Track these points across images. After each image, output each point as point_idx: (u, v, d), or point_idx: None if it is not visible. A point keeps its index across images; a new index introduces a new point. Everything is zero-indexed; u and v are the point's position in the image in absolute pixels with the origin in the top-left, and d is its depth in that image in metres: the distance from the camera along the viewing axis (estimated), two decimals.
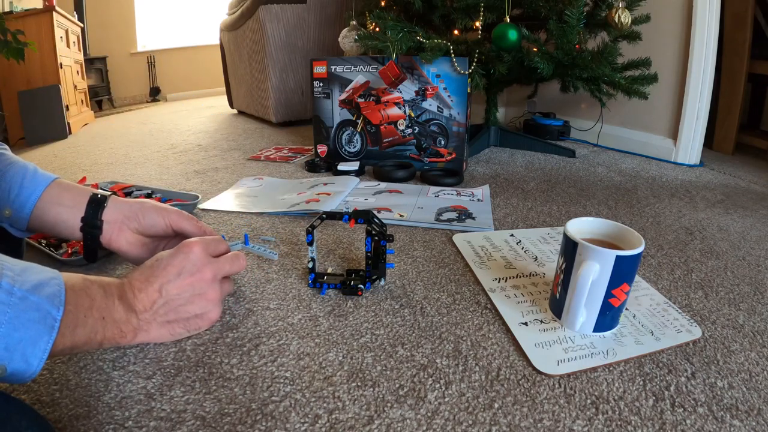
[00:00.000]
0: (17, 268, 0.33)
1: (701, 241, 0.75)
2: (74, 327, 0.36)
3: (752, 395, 0.41)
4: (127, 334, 0.42)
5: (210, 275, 0.47)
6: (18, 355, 0.31)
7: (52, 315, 0.33)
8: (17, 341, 0.31)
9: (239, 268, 0.52)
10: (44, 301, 0.33)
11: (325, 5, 1.91)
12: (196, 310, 0.47)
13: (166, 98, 4.74)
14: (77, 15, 3.14)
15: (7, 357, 0.31)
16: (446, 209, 0.88)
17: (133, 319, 0.42)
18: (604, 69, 1.10)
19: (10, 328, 0.31)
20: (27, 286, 0.33)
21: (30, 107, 2.00)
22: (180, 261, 0.46)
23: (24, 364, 0.32)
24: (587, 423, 0.38)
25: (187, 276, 0.45)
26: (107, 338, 0.40)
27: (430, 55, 1.07)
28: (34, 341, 0.32)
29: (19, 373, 0.32)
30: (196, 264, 0.46)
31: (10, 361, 0.31)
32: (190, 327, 0.48)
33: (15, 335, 0.31)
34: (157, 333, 0.45)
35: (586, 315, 0.48)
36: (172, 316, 0.45)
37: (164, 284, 0.44)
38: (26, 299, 0.32)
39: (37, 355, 0.32)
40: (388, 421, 0.38)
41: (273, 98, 1.91)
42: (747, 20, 1.31)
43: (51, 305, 0.34)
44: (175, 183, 1.12)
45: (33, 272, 0.34)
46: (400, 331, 0.51)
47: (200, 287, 0.46)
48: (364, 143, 1.22)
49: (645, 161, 1.32)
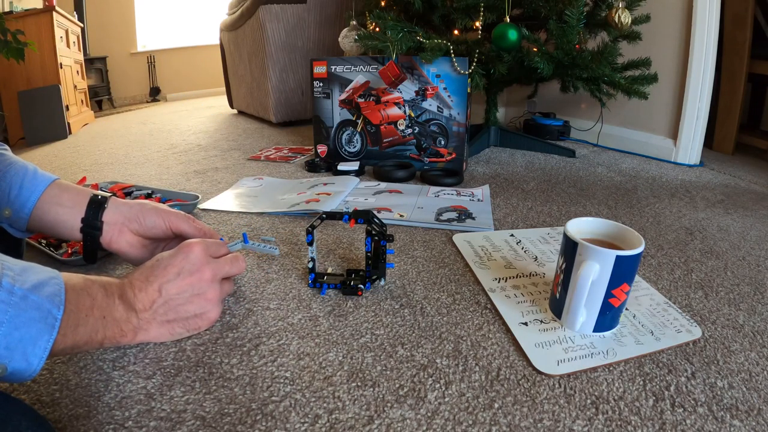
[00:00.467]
0: (17, 268, 0.33)
1: (701, 241, 0.75)
2: (75, 326, 0.36)
3: (752, 395, 0.41)
4: (128, 334, 0.42)
5: (209, 275, 0.47)
6: (18, 354, 0.31)
7: (52, 314, 0.34)
8: (18, 340, 0.31)
9: (239, 270, 0.52)
10: (45, 301, 0.33)
11: (325, 5, 1.91)
12: (196, 309, 0.47)
13: (166, 98, 4.74)
14: (77, 15, 3.14)
15: (8, 356, 0.31)
16: (446, 209, 0.88)
17: (134, 319, 0.43)
18: (604, 69, 1.10)
19: (10, 327, 0.31)
20: (27, 286, 0.33)
21: (30, 107, 2.00)
22: (180, 261, 0.46)
23: (24, 363, 0.32)
24: (587, 423, 0.38)
25: (187, 276, 0.46)
26: (108, 337, 0.40)
27: (430, 55, 1.07)
28: (35, 340, 0.32)
29: (19, 372, 0.32)
30: (196, 264, 0.47)
31: (11, 360, 0.31)
32: (190, 327, 0.48)
33: (15, 334, 0.31)
34: (157, 332, 0.45)
35: (586, 315, 0.48)
36: (171, 315, 0.46)
37: (164, 284, 0.44)
38: (27, 298, 0.32)
39: (38, 354, 0.32)
40: (388, 421, 0.38)
41: (273, 98, 1.91)
42: (747, 20, 1.31)
43: (51, 304, 0.34)
44: (175, 183, 1.12)
45: (33, 272, 0.34)
46: (400, 331, 0.51)
47: (200, 287, 0.47)
48: (364, 143, 1.22)
49: (645, 161, 1.32)
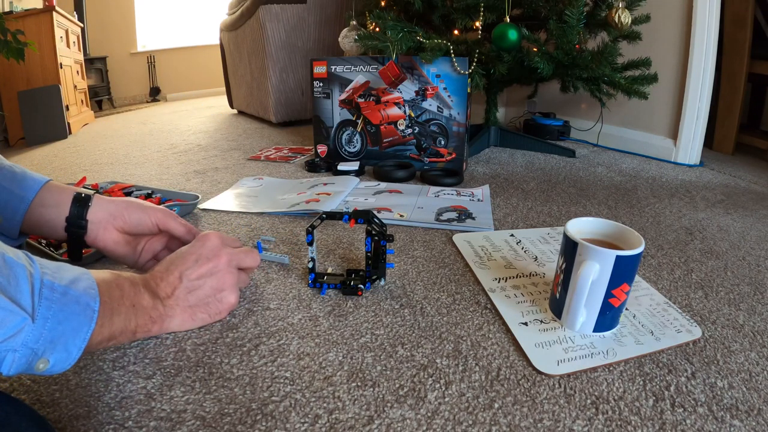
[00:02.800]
0: (53, 266, 0.35)
1: (701, 241, 0.75)
2: (110, 316, 0.38)
3: (752, 395, 0.41)
4: (156, 321, 0.44)
5: (226, 260, 0.50)
6: (60, 346, 0.33)
7: (90, 306, 0.36)
8: (61, 334, 0.33)
9: (253, 262, 0.54)
10: (82, 294, 0.35)
11: (325, 5, 1.91)
12: (216, 293, 0.49)
13: (166, 98, 4.74)
14: (77, 15, 3.14)
15: (51, 349, 0.32)
16: (446, 209, 0.88)
17: (159, 306, 0.45)
18: (604, 69, 1.10)
19: (55, 322, 0.32)
20: (65, 282, 0.34)
21: (30, 107, 2.00)
22: (197, 248, 0.49)
23: (65, 353, 0.33)
24: (587, 423, 0.38)
25: (205, 261, 0.48)
26: (140, 326, 0.42)
27: (430, 55, 1.07)
28: (76, 332, 0.34)
29: (59, 364, 0.33)
30: (213, 250, 0.49)
31: (53, 352, 0.33)
32: (212, 312, 0.50)
33: (59, 328, 0.33)
34: (181, 318, 0.47)
35: (586, 315, 0.48)
36: (193, 300, 0.48)
37: (184, 271, 0.47)
38: (67, 294, 0.34)
39: (77, 344, 0.34)
40: (388, 421, 0.38)
41: (273, 98, 1.91)
42: (747, 20, 1.31)
43: (89, 297, 0.36)
44: (175, 183, 1.12)
45: (66, 270, 0.36)
46: (400, 331, 0.51)
47: (217, 271, 0.49)
48: (364, 143, 1.22)
49: (645, 161, 1.32)
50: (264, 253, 0.68)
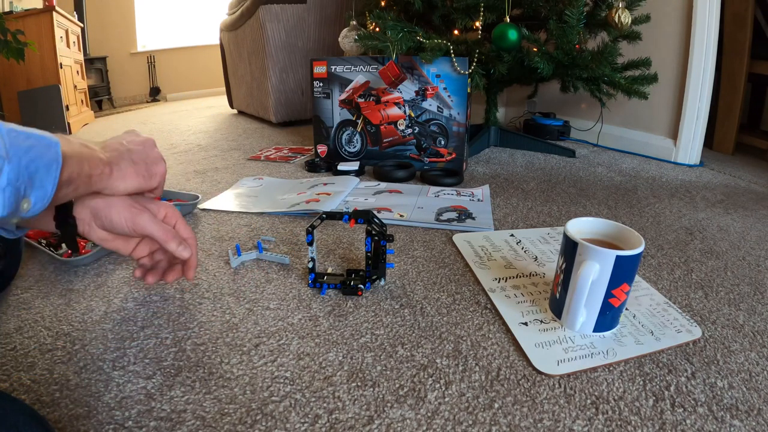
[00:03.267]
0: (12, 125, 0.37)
1: (701, 241, 0.75)
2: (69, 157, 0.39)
3: (752, 395, 0.41)
4: (105, 169, 0.46)
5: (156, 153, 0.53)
6: (38, 182, 0.35)
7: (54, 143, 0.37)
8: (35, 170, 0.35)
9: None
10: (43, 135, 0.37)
11: (325, 5, 1.91)
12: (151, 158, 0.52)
13: (166, 98, 4.74)
14: (77, 15, 3.14)
15: (30, 186, 0.35)
16: (446, 209, 0.88)
17: (106, 155, 0.47)
18: (604, 69, 1.10)
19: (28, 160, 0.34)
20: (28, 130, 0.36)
21: (30, 107, 2.00)
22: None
23: (41, 190, 0.36)
24: (587, 423, 0.38)
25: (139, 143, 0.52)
26: (93, 169, 0.44)
27: (430, 55, 1.07)
28: (48, 167, 0.36)
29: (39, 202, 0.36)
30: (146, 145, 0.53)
31: (32, 189, 0.35)
32: (152, 171, 0.52)
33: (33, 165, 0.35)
34: (129, 171, 0.49)
35: (586, 315, 0.48)
36: (136, 157, 0.50)
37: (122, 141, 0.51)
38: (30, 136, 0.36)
39: (51, 181, 0.36)
40: (388, 421, 0.38)
41: (273, 98, 1.91)
42: (747, 20, 1.31)
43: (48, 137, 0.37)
44: (175, 183, 1.12)
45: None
46: (400, 331, 0.51)
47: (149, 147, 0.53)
48: (364, 143, 1.22)
49: (645, 161, 1.32)
50: (264, 253, 0.69)
